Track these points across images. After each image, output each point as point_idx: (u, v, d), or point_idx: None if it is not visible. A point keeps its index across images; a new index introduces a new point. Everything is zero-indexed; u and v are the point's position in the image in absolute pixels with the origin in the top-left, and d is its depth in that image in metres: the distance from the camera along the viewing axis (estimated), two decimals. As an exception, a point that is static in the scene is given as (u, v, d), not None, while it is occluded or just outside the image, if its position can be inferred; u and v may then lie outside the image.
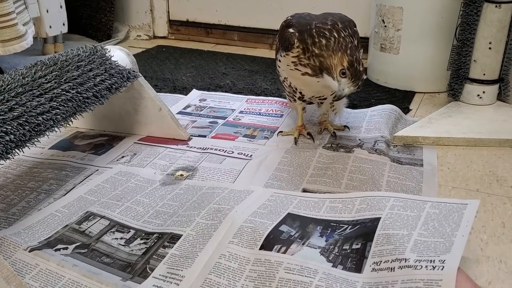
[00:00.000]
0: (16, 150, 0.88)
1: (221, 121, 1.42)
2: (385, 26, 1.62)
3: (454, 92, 1.49)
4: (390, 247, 0.77)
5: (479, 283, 0.78)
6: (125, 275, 0.80)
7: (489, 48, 1.40)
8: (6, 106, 0.88)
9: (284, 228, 0.86)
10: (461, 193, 1.04)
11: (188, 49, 2.22)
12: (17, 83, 0.94)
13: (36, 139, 0.92)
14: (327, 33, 1.07)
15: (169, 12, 2.38)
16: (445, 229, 0.79)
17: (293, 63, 1.13)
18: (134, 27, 2.43)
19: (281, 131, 1.32)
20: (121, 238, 0.89)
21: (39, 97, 0.94)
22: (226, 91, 1.66)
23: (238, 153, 1.21)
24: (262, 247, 0.81)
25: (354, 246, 0.81)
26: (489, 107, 1.46)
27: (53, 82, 0.99)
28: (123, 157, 1.21)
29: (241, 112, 1.48)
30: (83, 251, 0.86)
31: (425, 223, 0.82)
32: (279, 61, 1.20)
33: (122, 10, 2.40)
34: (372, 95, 1.59)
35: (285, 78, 1.23)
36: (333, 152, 1.19)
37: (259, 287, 0.75)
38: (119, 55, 1.22)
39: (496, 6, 1.36)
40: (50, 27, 1.90)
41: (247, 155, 1.21)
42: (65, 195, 1.04)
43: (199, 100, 1.59)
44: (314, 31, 1.09)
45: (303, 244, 0.82)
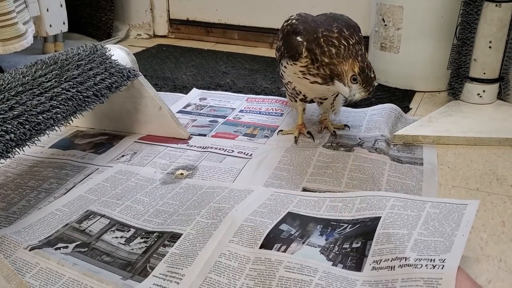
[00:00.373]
0: (16, 149, 0.88)
1: (221, 120, 1.42)
2: (385, 25, 1.62)
3: (454, 91, 1.49)
4: (390, 246, 0.77)
5: (479, 281, 0.78)
6: (125, 274, 0.80)
7: (489, 47, 1.40)
8: (6, 105, 0.88)
9: (284, 227, 0.86)
10: (461, 192, 1.04)
11: (188, 48, 2.22)
12: (17, 82, 0.94)
13: (36, 138, 0.92)
14: (335, 41, 1.07)
15: (169, 11, 2.38)
16: (445, 229, 0.79)
17: (301, 72, 1.12)
18: (134, 26, 2.42)
19: (281, 130, 1.32)
20: (121, 237, 0.89)
21: (39, 96, 0.94)
22: (226, 90, 1.66)
23: (238, 152, 1.21)
24: (262, 246, 0.81)
25: (354, 245, 0.81)
26: (489, 106, 1.46)
27: (53, 81, 0.99)
28: (123, 156, 1.21)
29: (241, 111, 1.48)
30: (83, 250, 0.86)
31: (425, 222, 0.82)
32: (285, 67, 1.18)
33: (122, 9, 2.40)
34: (372, 94, 1.59)
35: (289, 81, 1.22)
36: (333, 151, 1.19)
37: (259, 286, 0.75)
38: (119, 54, 1.22)
39: (496, 5, 1.36)
40: (50, 26, 1.90)
41: (247, 154, 1.21)
42: (65, 194, 1.04)
43: (199, 99, 1.59)
44: (322, 40, 1.07)
45: (303, 243, 0.82)
